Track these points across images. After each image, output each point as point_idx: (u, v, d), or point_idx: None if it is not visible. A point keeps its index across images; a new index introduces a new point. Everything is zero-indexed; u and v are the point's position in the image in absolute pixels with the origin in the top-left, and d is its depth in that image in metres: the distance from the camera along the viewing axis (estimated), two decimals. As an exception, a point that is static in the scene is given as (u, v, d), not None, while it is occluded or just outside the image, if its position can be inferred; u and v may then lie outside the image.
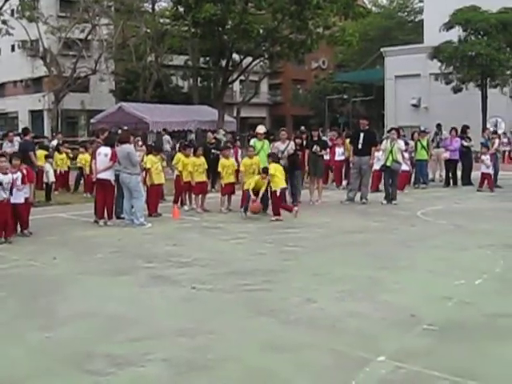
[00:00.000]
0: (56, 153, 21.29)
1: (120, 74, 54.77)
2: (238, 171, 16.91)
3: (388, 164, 17.62)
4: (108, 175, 13.99)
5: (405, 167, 19.72)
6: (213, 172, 18.81)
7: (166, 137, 32.99)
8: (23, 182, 12.31)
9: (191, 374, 5.46)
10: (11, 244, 11.63)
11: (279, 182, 15.03)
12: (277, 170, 15.14)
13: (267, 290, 8.18)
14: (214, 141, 22.52)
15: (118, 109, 35.60)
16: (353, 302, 7.59)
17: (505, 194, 20.34)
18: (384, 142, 18.57)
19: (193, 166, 16.22)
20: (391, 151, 17.56)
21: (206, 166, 16.72)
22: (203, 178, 16.44)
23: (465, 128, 23.97)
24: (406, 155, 20.42)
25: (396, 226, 13.83)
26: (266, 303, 7.53)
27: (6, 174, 11.89)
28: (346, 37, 38.31)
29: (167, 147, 30.38)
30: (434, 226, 13.76)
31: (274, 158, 15.64)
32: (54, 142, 23.84)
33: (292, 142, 17.34)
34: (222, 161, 16.47)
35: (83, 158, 20.48)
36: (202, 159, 16.66)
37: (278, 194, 14.89)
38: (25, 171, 12.55)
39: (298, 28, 36.43)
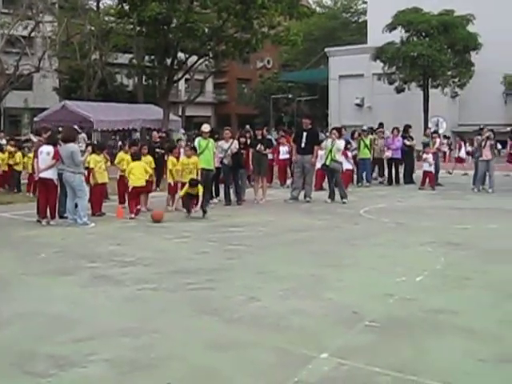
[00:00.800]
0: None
1: (64, 71, 54.04)
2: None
3: (327, 163, 17.80)
4: (50, 174, 13.84)
5: (348, 166, 19.97)
6: (158, 171, 18.73)
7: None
8: None
9: (135, 373, 5.44)
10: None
11: None
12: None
13: (211, 288, 8.20)
14: (158, 140, 22.45)
15: (61, 107, 35.21)
16: (296, 299, 7.65)
17: (446, 192, 20.76)
18: (324, 141, 18.75)
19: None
20: (330, 150, 17.76)
21: (154, 165, 16.66)
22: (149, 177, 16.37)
23: (407, 127, 24.37)
24: (350, 154, 20.67)
25: (339, 224, 13.99)
26: (210, 302, 7.55)
27: None
28: (291, 36, 38.56)
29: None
30: (376, 224, 13.96)
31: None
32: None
33: (236, 141, 17.44)
34: (172, 160, 16.41)
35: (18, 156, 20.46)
36: (149, 158, 16.60)
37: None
38: None
39: (243, 27, 36.57)
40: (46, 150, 13.96)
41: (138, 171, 15.24)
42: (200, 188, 14.62)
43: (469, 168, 28.34)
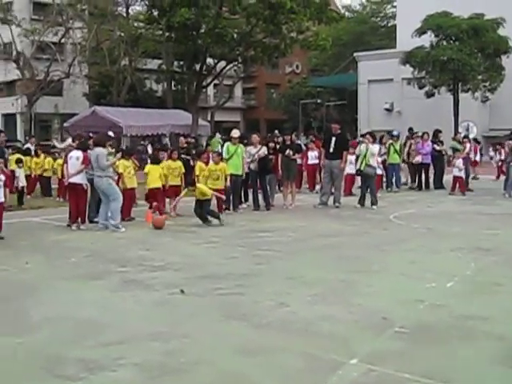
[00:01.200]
0: (31, 157, 21.09)
1: (94, 77, 54.51)
2: None
3: (361, 168, 17.72)
4: (79, 179, 13.94)
5: (378, 171, 19.86)
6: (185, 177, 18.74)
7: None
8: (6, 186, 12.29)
9: (164, 378, 5.45)
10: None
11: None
12: None
13: (240, 293, 8.20)
14: (185, 145, 22.43)
15: (91, 113, 35.47)
16: (325, 305, 7.63)
17: (476, 197, 20.56)
18: (359, 146, 18.67)
19: (168, 169, 16.21)
20: (365, 155, 17.66)
21: (183, 170, 16.70)
22: (178, 181, 16.41)
23: (437, 132, 24.19)
24: (379, 159, 20.56)
25: (369, 229, 13.92)
26: (239, 307, 7.55)
27: None
28: (320, 41, 38.53)
29: None
30: (406, 230, 13.87)
31: None
32: (30, 146, 23.49)
33: (264, 147, 17.41)
34: (200, 165, 16.41)
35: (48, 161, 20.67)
36: (179, 163, 16.65)
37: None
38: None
39: (272, 32, 36.61)
40: (76, 155, 14.08)
41: (155, 174, 15.59)
42: (203, 189, 14.55)
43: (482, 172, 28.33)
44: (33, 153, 21.68)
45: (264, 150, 17.35)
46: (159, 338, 6.41)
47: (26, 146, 24.36)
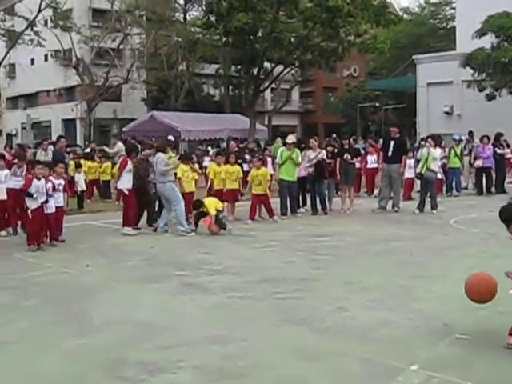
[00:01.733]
0: (88, 161, 21.39)
1: (152, 82, 55.12)
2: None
3: (422, 172, 17.44)
4: (121, 185, 14.11)
5: (437, 175, 19.56)
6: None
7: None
8: (64, 190, 12.48)
9: (222, 381, 5.47)
10: (44, 251, 11.74)
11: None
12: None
13: (298, 298, 8.17)
14: (236, 149, 22.46)
15: (149, 117, 35.82)
16: (384, 310, 7.55)
17: (539, 201, 20.10)
18: (420, 150, 18.41)
19: (225, 173, 16.27)
20: (426, 159, 17.39)
21: (241, 175, 16.74)
22: (235, 185, 16.44)
23: (498, 135, 23.76)
24: (439, 163, 20.25)
25: (428, 234, 13.73)
26: (297, 311, 7.52)
27: (39, 179, 12.10)
28: (378, 44, 38.29)
29: None
30: (467, 235, 13.66)
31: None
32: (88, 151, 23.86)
33: (323, 151, 17.32)
34: (253, 172, 16.43)
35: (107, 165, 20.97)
36: (237, 167, 16.68)
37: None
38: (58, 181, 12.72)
39: (329, 36, 36.53)
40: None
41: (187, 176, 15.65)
42: (209, 204, 14.36)
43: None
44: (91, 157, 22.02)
45: (323, 154, 17.25)
46: (217, 342, 6.42)
47: (86, 151, 24.76)
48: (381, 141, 21.96)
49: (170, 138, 19.09)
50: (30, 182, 11.98)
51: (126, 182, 14.00)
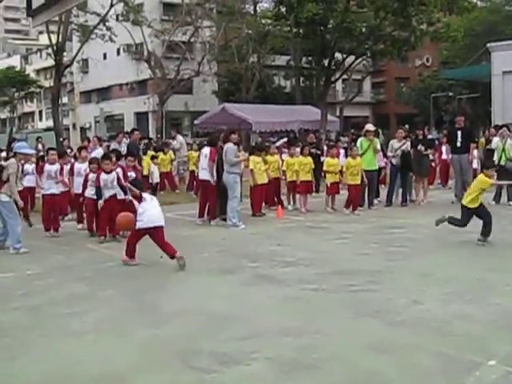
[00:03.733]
0: (161, 153, 21.64)
1: (222, 75, 55.41)
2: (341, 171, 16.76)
3: (502, 163, 16.97)
4: (207, 175, 14.12)
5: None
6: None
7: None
8: (119, 181, 12.62)
9: (296, 373, 5.46)
10: (120, 242, 11.93)
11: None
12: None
13: (372, 290, 8.10)
14: (314, 140, 22.38)
15: (221, 110, 35.99)
16: (461, 303, 7.41)
17: None
18: (495, 139, 17.95)
19: (299, 165, 16.23)
20: (503, 149, 16.97)
21: (313, 166, 16.66)
22: (308, 177, 16.38)
23: None
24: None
25: (506, 226, 13.41)
26: (371, 304, 7.46)
27: (109, 173, 12.34)
28: (451, 33, 37.62)
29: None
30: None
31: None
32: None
33: (408, 142, 17.09)
34: (328, 160, 16.35)
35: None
36: (309, 159, 16.61)
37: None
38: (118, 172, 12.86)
39: (401, 25, 36.03)
40: (205, 151, 14.30)
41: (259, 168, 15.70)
42: None
43: None
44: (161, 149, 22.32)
45: (408, 145, 17.03)
46: (291, 334, 6.42)
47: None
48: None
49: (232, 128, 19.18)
50: (99, 178, 12.28)
51: (212, 173, 14.12)
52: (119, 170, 12.78)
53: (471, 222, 12.99)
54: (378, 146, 16.65)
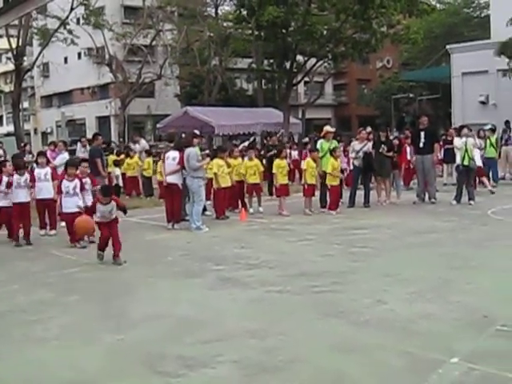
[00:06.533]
0: (124, 157, 21.52)
1: (185, 78, 55.24)
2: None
3: (466, 163, 17.16)
4: (175, 179, 14.14)
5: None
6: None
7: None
8: (81, 190, 12.55)
9: (262, 375, 5.47)
10: (85, 248, 11.84)
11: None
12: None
13: (336, 291, 8.15)
14: (277, 143, 22.34)
15: (183, 113, 35.83)
16: (424, 303, 7.49)
17: None
18: (457, 140, 18.14)
19: (245, 168, 16.38)
20: (466, 150, 17.16)
21: (261, 169, 16.77)
22: (285, 180, 16.46)
23: None
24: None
25: (466, 225, 13.60)
26: (336, 304, 7.50)
27: (71, 181, 12.33)
28: (411, 35, 38.04)
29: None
30: (505, 225, 13.50)
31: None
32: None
33: (370, 143, 17.23)
34: (278, 162, 16.36)
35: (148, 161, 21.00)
36: (256, 161, 16.65)
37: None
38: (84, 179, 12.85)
39: (362, 28, 36.29)
40: (172, 155, 14.28)
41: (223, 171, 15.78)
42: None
43: None
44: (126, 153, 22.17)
45: (369, 146, 17.17)
46: (256, 336, 6.43)
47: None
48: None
49: (196, 131, 19.07)
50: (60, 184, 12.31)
51: (180, 177, 14.19)
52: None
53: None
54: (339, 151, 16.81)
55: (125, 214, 11.24)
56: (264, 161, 19.47)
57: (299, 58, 41.15)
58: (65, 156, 16.69)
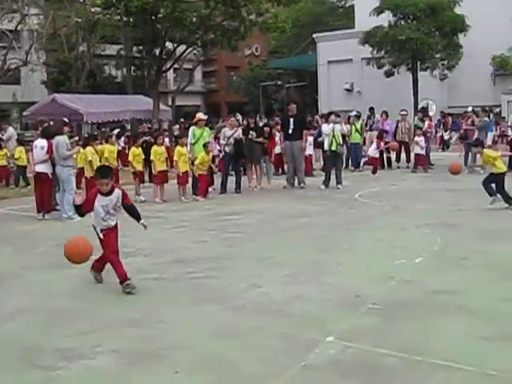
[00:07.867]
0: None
1: (52, 64, 53.80)
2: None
3: (333, 148, 17.65)
4: (44, 168, 13.82)
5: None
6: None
7: None
8: None
9: (142, 363, 5.48)
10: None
11: None
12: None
13: (212, 277, 8.24)
14: (147, 130, 22.25)
15: (51, 100, 35.00)
16: (298, 285, 7.71)
17: (437, 174, 20.71)
18: (324, 126, 18.58)
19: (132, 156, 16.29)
20: (334, 135, 17.64)
21: (144, 156, 16.68)
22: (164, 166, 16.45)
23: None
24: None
25: (335, 209, 14.05)
26: (212, 290, 7.60)
27: None
28: (279, 23, 38.58)
29: None
30: (372, 208, 14.01)
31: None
32: None
33: (240, 129, 17.41)
34: (155, 149, 16.32)
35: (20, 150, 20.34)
36: (139, 150, 16.61)
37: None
38: None
39: (231, 15, 36.45)
40: (40, 144, 13.95)
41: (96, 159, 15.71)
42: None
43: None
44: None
45: (240, 133, 17.34)
46: (134, 324, 6.44)
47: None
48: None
49: (65, 119, 18.72)
50: None
51: (49, 166, 13.92)
52: None
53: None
54: (210, 138, 16.95)
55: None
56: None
57: (168, 44, 40.95)
58: None
